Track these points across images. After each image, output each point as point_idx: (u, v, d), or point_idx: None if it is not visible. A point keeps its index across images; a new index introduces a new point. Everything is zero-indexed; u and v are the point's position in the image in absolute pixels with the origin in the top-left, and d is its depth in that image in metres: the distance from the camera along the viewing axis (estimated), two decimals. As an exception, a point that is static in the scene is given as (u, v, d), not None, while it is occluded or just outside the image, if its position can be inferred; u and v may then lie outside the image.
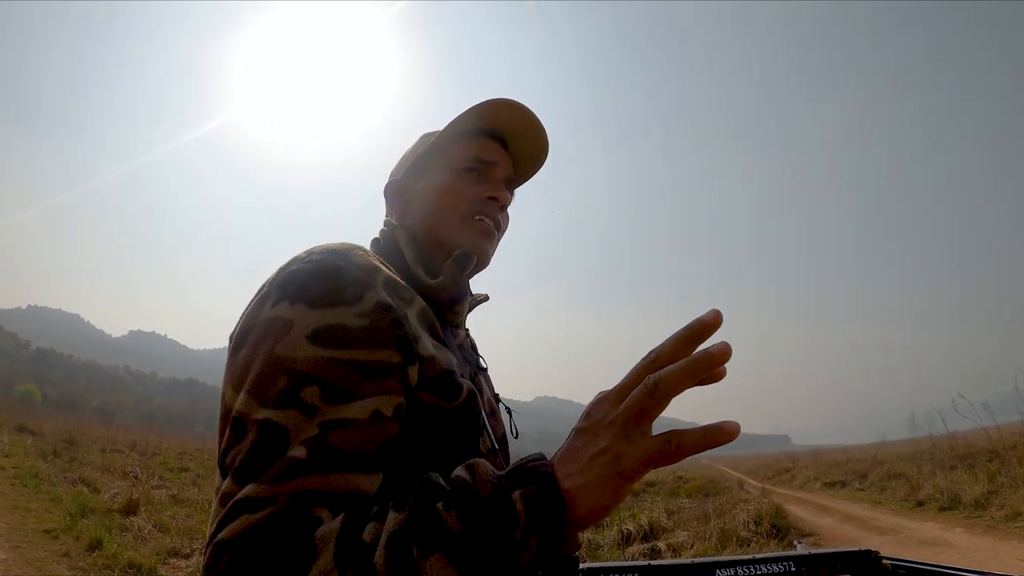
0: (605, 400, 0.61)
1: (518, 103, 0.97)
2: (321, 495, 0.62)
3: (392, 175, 1.06)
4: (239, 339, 0.73)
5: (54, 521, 7.05)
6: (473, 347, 1.06)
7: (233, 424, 0.66)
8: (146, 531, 6.95)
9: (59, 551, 5.93)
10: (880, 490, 11.81)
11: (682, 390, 0.56)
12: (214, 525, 0.62)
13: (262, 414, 0.65)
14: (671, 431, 0.56)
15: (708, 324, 0.56)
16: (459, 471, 0.64)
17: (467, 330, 1.04)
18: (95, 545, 6.05)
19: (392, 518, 0.59)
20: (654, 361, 0.58)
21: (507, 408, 1.04)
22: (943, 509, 8.74)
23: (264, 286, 0.75)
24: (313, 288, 0.71)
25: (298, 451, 0.62)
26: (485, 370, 1.04)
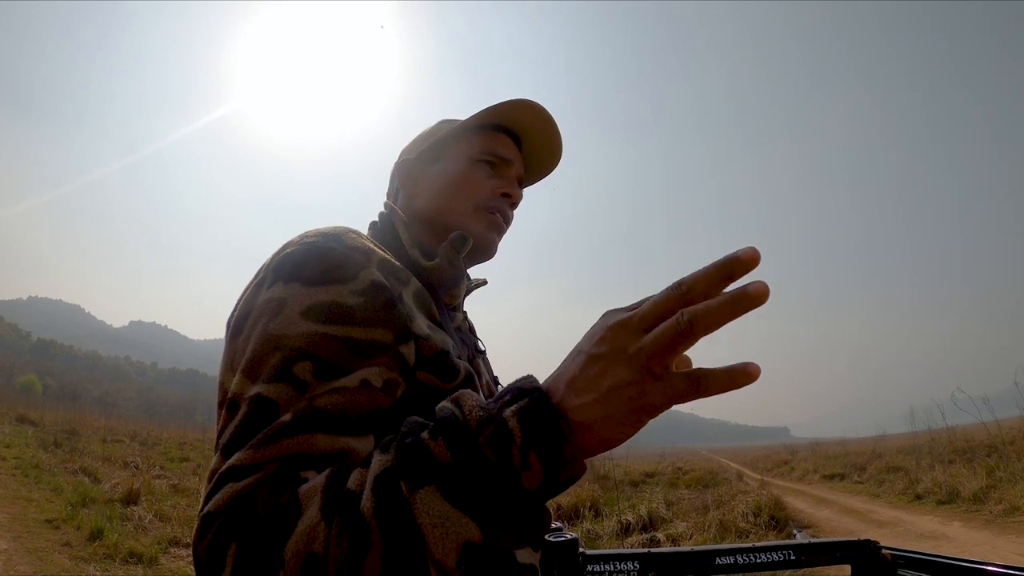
0: (625, 326, 0.53)
1: (540, 106, 0.98)
2: (308, 457, 0.60)
3: (404, 154, 1.05)
4: (238, 324, 0.72)
5: (55, 511, 7.07)
6: (471, 330, 1.06)
7: (229, 406, 0.66)
8: (147, 521, 6.97)
9: (60, 541, 5.94)
10: (879, 483, 11.85)
11: (717, 328, 0.50)
12: (201, 501, 0.60)
13: (254, 389, 0.64)
14: (697, 368, 0.52)
15: (745, 261, 0.50)
16: (443, 403, 0.59)
17: (465, 313, 1.04)
18: (96, 535, 6.06)
19: (377, 460, 0.56)
20: (685, 294, 0.51)
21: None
22: (941, 503, 8.77)
23: (260, 271, 0.76)
24: (307, 268, 0.71)
25: (285, 418, 0.61)
26: (483, 353, 1.05)
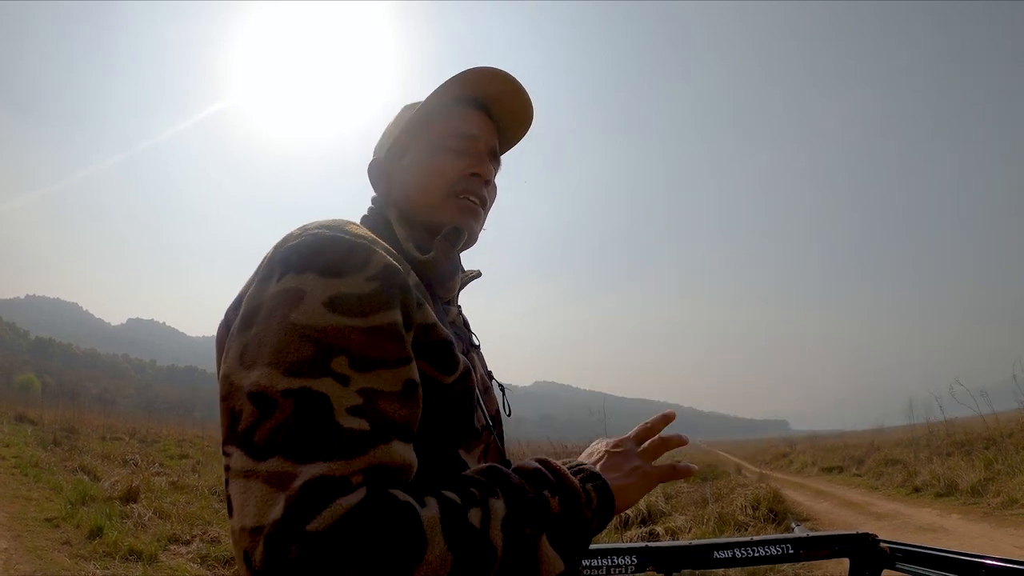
0: (628, 439, 0.90)
1: (496, 68, 0.95)
2: (387, 469, 0.62)
3: (375, 152, 1.04)
4: (248, 317, 0.69)
5: (55, 509, 7.07)
6: (465, 324, 1.04)
7: (255, 399, 0.62)
8: (146, 518, 6.97)
9: (60, 539, 5.95)
10: (877, 476, 11.88)
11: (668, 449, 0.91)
12: (278, 509, 0.57)
13: (295, 383, 0.62)
14: (674, 461, 0.91)
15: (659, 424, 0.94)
16: (532, 463, 0.77)
17: (459, 307, 1.03)
18: (96, 533, 6.07)
19: (495, 504, 0.67)
20: (650, 429, 0.92)
21: (500, 386, 1.04)
22: (940, 495, 8.79)
23: (263, 266, 0.73)
24: (319, 258, 0.69)
25: (353, 421, 0.61)
26: (478, 347, 1.04)
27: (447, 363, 0.78)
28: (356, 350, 0.65)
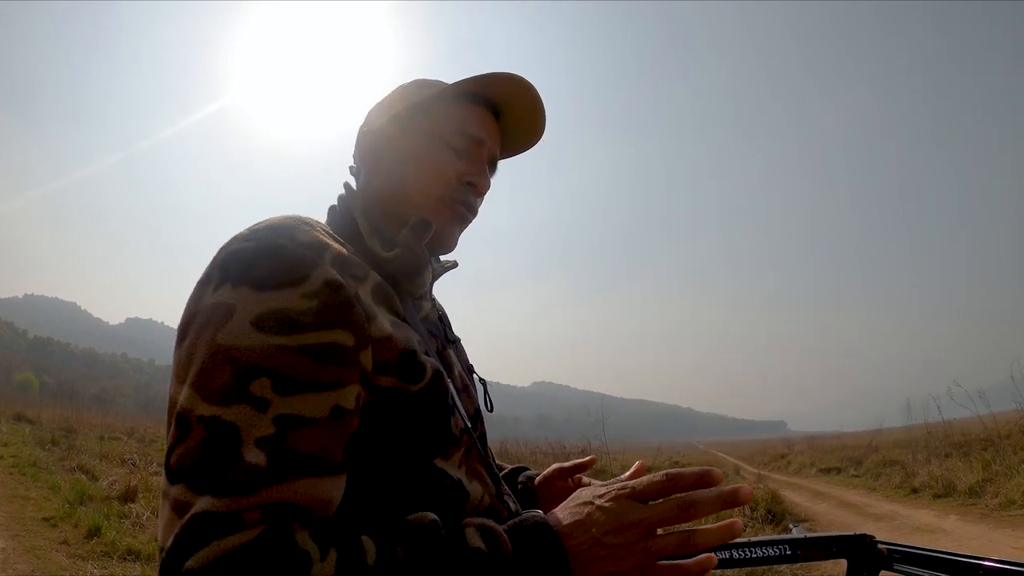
0: (625, 495, 0.67)
1: (527, 82, 0.90)
2: (291, 507, 0.58)
3: (369, 119, 0.95)
4: (183, 328, 0.68)
5: (53, 509, 7.05)
6: (441, 318, 1.00)
7: (178, 420, 0.61)
8: (144, 518, 6.95)
9: (58, 539, 5.93)
10: (875, 477, 11.88)
11: (704, 515, 0.65)
12: (171, 538, 0.56)
13: (208, 410, 0.59)
14: (689, 531, 0.65)
15: (737, 498, 0.65)
16: (473, 538, 0.65)
17: (434, 300, 0.99)
18: (94, 532, 6.05)
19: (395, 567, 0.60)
20: (675, 483, 0.66)
21: (481, 380, 0.99)
22: (938, 496, 8.79)
23: (206, 267, 0.70)
24: (256, 269, 0.66)
25: (254, 455, 0.58)
26: (455, 342, 0.99)
27: (412, 372, 0.73)
28: (282, 371, 0.61)
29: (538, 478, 1.09)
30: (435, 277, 0.97)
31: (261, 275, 0.65)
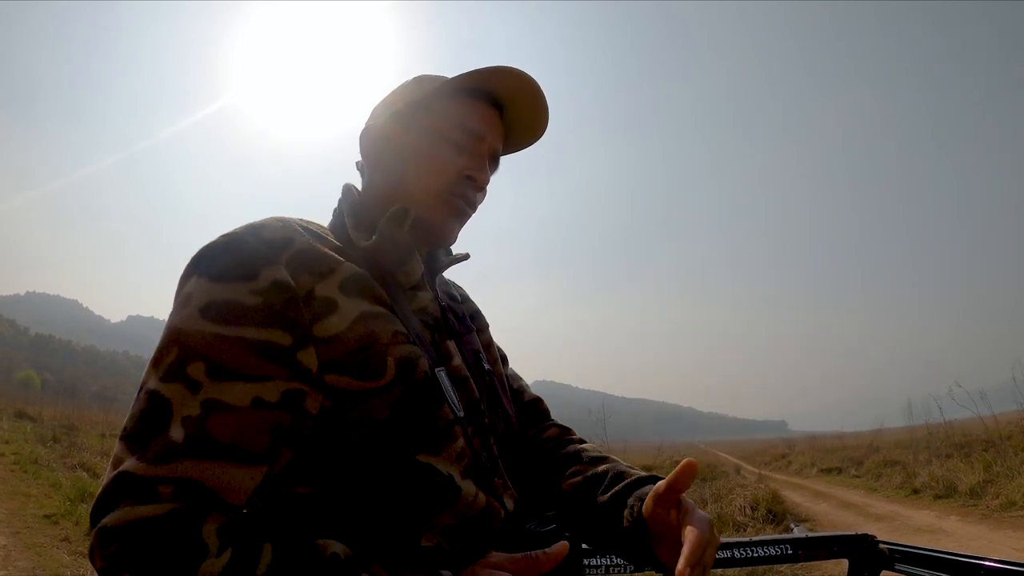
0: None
1: (522, 72, 0.89)
2: (199, 487, 0.63)
3: (371, 117, 0.97)
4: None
5: (54, 506, 7.07)
6: (450, 308, 0.97)
7: (138, 392, 0.68)
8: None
9: (59, 536, 5.95)
10: (876, 477, 11.88)
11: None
12: (100, 489, 0.63)
13: (154, 384, 0.66)
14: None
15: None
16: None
17: (448, 292, 0.96)
18: (95, 529, 6.07)
19: None
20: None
21: (488, 370, 0.96)
22: (939, 497, 8.79)
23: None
24: (216, 263, 0.72)
25: (177, 431, 0.64)
26: (464, 333, 0.96)
27: (366, 369, 0.73)
28: (215, 358, 0.67)
29: (643, 506, 0.89)
30: (441, 269, 0.97)
31: (218, 268, 0.71)
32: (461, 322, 0.97)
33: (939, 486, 9.06)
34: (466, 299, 1.09)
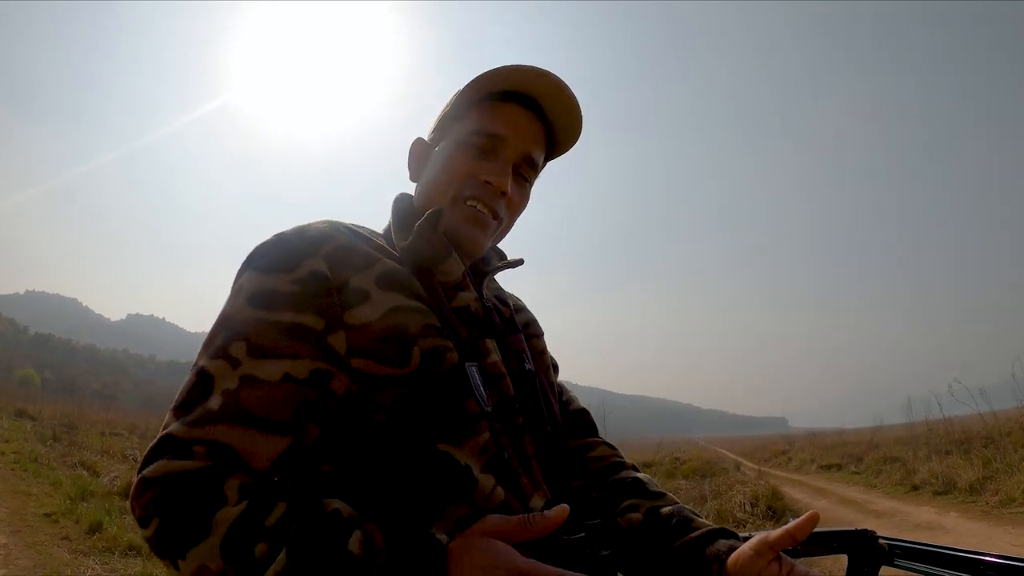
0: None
1: (540, 69, 0.89)
2: (229, 450, 0.69)
3: (430, 132, 1.01)
4: None
5: (54, 505, 7.07)
6: (495, 309, 0.97)
7: (191, 370, 0.76)
8: (146, 514, 6.98)
9: (59, 535, 5.95)
10: (876, 473, 11.89)
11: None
12: (148, 448, 0.71)
13: (202, 362, 0.75)
14: None
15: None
16: (353, 543, 0.65)
17: (479, 293, 0.95)
18: (95, 528, 6.07)
19: (280, 559, 0.63)
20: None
21: (528, 370, 0.94)
22: (938, 494, 8.80)
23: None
24: (264, 257, 0.81)
25: (214, 401, 0.71)
26: (510, 334, 0.96)
27: (393, 357, 0.78)
28: (254, 338, 0.75)
29: (734, 554, 0.84)
30: (492, 272, 1.01)
31: (266, 262, 0.80)
32: (507, 324, 0.98)
33: (939, 482, 9.07)
34: (521, 308, 1.11)
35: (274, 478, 0.75)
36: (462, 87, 0.93)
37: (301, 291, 0.77)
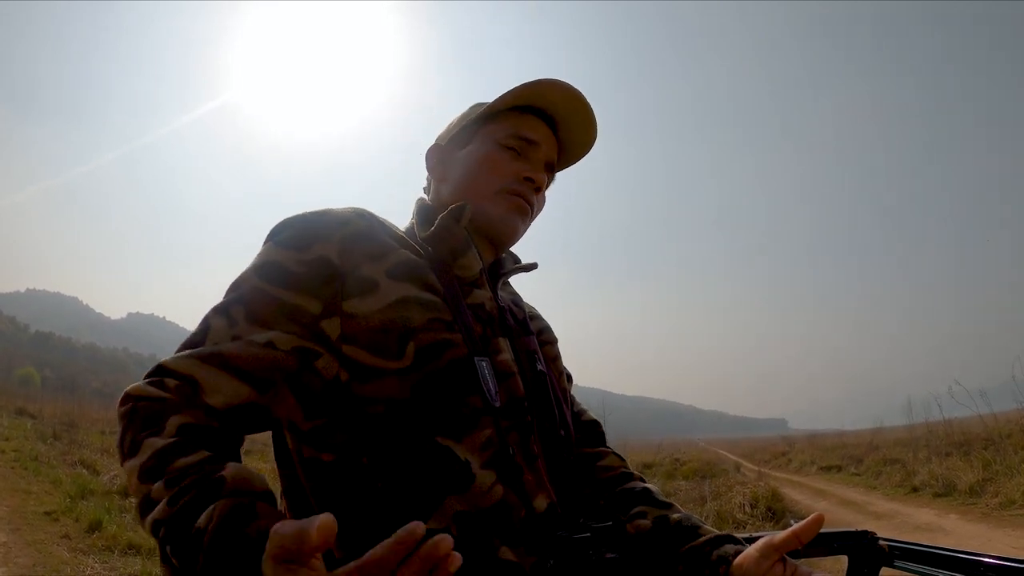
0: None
1: (571, 86, 0.96)
2: (192, 381, 0.74)
3: (438, 140, 1.07)
4: None
5: (54, 503, 7.07)
6: (508, 309, 0.97)
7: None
8: (146, 513, 6.97)
9: (59, 533, 5.94)
10: (876, 475, 11.88)
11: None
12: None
13: (209, 314, 0.81)
14: None
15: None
16: (201, 519, 0.60)
17: (494, 293, 0.96)
18: (95, 527, 6.06)
19: (161, 508, 0.63)
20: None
21: (540, 371, 0.94)
22: (938, 495, 8.79)
23: None
24: (283, 232, 0.86)
25: (205, 348, 0.77)
26: (523, 335, 0.97)
27: (385, 349, 0.80)
28: (253, 306, 0.80)
29: (740, 556, 0.85)
30: (507, 274, 1.02)
31: (283, 237, 0.85)
32: (520, 326, 0.99)
33: (938, 484, 9.06)
34: (536, 316, 1.12)
35: (229, 425, 0.76)
36: (497, 96, 0.98)
37: (306, 273, 0.81)
